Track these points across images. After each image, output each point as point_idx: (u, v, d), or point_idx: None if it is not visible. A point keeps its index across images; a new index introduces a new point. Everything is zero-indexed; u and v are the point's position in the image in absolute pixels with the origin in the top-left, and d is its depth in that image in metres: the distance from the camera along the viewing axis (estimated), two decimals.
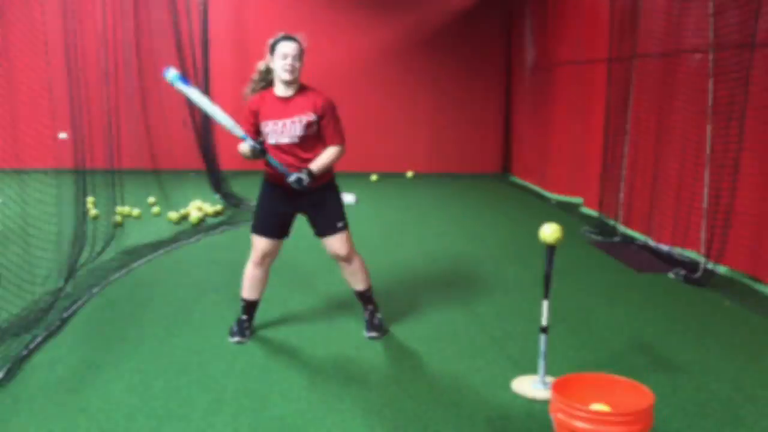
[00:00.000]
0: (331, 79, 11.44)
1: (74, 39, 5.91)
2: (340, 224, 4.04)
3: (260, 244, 4.04)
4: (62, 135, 9.45)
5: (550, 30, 9.68)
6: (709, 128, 5.72)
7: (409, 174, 11.70)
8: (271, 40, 3.92)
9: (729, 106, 5.39)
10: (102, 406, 3.25)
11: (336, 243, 4.05)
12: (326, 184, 4.04)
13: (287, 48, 3.83)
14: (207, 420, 3.15)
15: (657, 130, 6.66)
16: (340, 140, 3.97)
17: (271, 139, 3.90)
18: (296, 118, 3.87)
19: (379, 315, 4.29)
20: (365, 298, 4.27)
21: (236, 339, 4.08)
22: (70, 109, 5.89)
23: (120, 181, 7.68)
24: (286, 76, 3.84)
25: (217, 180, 9.46)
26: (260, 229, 4.04)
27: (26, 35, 5.07)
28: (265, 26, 11.21)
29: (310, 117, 3.89)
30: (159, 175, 8.98)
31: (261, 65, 4.01)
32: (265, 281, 4.17)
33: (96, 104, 8.24)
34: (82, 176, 5.15)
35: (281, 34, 3.91)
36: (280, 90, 3.92)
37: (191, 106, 9.76)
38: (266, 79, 4.01)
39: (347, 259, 4.10)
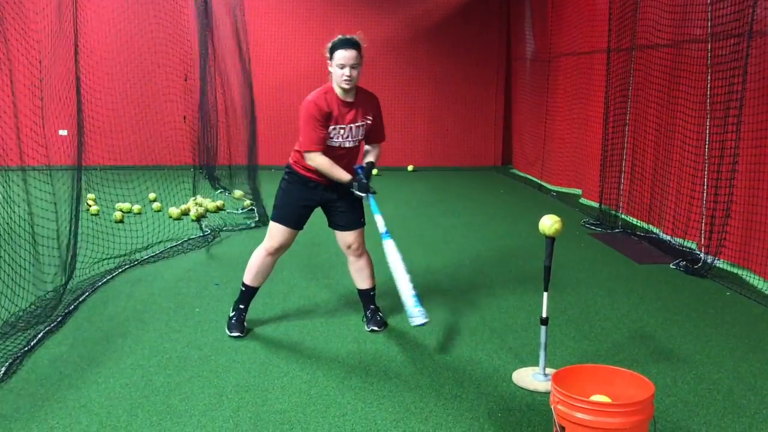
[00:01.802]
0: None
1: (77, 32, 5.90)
2: (363, 219, 4.14)
3: (281, 233, 4.04)
4: (62, 132, 9.46)
5: (549, 21, 9.65)
6: (708, 119, 5.71)
7: (410, 167, 11.69)
8: (329, 44, 3.81)
9: (727, 95, 5.38)
10: (103, 402, 3.26)
11: (352, 237, 4.11)
12: None
13: (345, 58, 3.74)
14: (208, 415, 3.15)
15: (657, 121, 6.65)
16: (385, 137, 4.14)
17: (335, 142, 3.90)
18: (360, 123, 3.93)
19: (380, 313, 4.30)
20: (369, 297, 4.27)
21: (236, 333, 4.08)
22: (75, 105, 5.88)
23: (121, 177, 7.69)
24: (345, 86, 3.82)
25: (215, 175, 9.47)
26: (283, 218, 4.03)
27: (25, 30, 5.07)
28: (262, 22, 11.20)
29: (370, 120, 3.98)
30: (160, 171, 8.98)
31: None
32: (271, 270, 4.19)
33: (97, 100, 8.23)
34: (77, 173, 5.14)
35: (339, 37, 3.80)
36: (342, 93, 3.88)
37: (192, 102, 9.77)
38: (329, 77, 3.91)
39: (358, 252, 4.15)
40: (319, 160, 3.85)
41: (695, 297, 4.90)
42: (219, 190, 9.04)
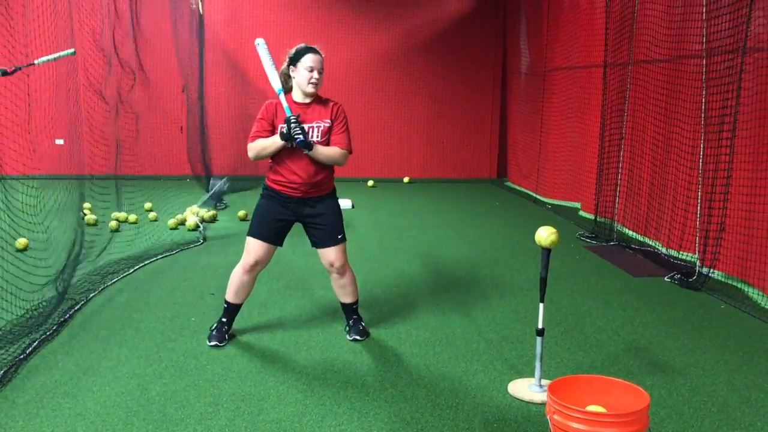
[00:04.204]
0: (327, 86, 11.43)
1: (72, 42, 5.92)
2: (340, 236, 4.08)
3: (255, 248, 4.04)
4: (59, 141, 9.47)
5: (545, 36, 9.72)
6: (702, 133, 5.76)
7: (406, 179, 11.72)
8: (293, 50, 3.91)
9: (721, 110, 5.43)
10: (99, 411, 3.25)
11: (333, 254, 4.07)
12: (328, 194, 4.06)
13: (314, 61, 3.85)
14: (204, 423, 3.15)
15: (653, 135, 6.69)
16: (348, 146, 4.00)
17: (289, 144, 3.91)
18: (314, 124, 3.91)
19: (362, 323, 4.32)
20: (351, 310, 4.29)
21: (214, 343, 4.08)
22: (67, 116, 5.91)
23: (117, 187, 7.69)
24: (311, 89, 3.88)
25: (209, 184, 9.50)
26: (258, 232, 4.04)
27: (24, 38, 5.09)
28: (261, 34, 11.26)
29: (327, 123, 3.95)
30: (156, 181, 8.98)
31: (284, 68, 4.00)
32: (251, 287, 4.18)
33: (95, 111, 8.24)
34: (78, 182, 5.18)
35: (303, 44, 3.92)
36: (299, 97, 3.94)
37: (188, 113, 9.80)
38: (287, 84, 4.00)
39: (341, 270, 4.12)
40: (252, 145, 3.91)
41: (690, 310, 4.92)
42: (216, 202, 9.06)
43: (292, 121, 3.78)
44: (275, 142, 3.86)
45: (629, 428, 2.60)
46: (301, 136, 3.78)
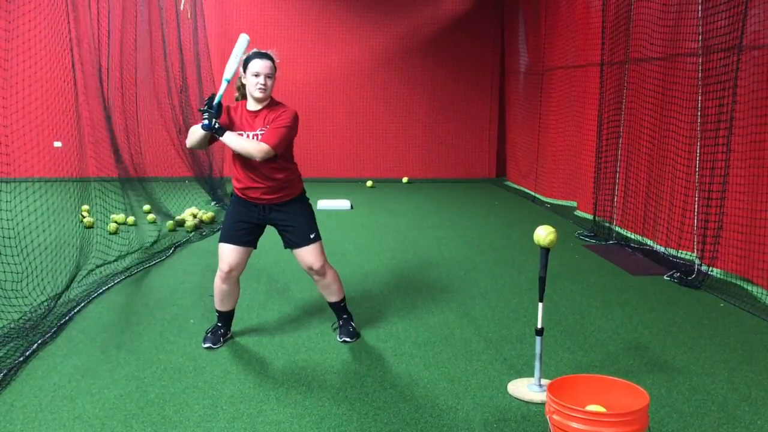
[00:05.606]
0: (326, 86, 11.50)
1: (70, 46, 5.91)
2: (312, 235, 4.03)
3: (226, 252, 4.01)
4: (57, 144, 9.47)
5: (543, 35, 9.72)
6: (698, 131, 5.76)
7: (405, 179, 11.72)
8: (243, 56, 3.89)
9: (718, 108, 5.43)
10: (97, 413, 3.25)
11: (308, 255, 4.03)
12: (295, 198, 4.03)
13: (259, 66, 3.81)
14: (203, 426, 3.15)
15: (650, 134, 6.69)
16: (271, 142, 3.77)
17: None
18: (258, 132, 3.87)
19: (353, 323, 4.31)
20: (340, 308, 4.28)
21: (208, 344, 4.08)
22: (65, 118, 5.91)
23: (115, 189, 7.68)
24: (258, 94, 3.83)
25: (211, 187, 9.48)
26: (226, 236, 4.02)
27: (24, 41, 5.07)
28: (257, 35, 11.25)
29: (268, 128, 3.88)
30: (154, 183, 8.98)
31: (238, 81, 3.98)
32: (234, 293, 4.16)
33: (91, 112, 8.25)
34: (79, 184, 5.18)
35: (254, 50, 3.90)
36: (251, 104, 3.92)
37: (185, 113, 9.78)
38: (243, 94, 3.99)
39: (321, 271, 4.07)
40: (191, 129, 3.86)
41: (689, 308, 4.92)
42: (213, 202, 9.06)
43: (206, 102, 3.77)
44: (197, 128, 3.80)
45: (629, 428, 2.60)
46: (206, 120, 3.73)
